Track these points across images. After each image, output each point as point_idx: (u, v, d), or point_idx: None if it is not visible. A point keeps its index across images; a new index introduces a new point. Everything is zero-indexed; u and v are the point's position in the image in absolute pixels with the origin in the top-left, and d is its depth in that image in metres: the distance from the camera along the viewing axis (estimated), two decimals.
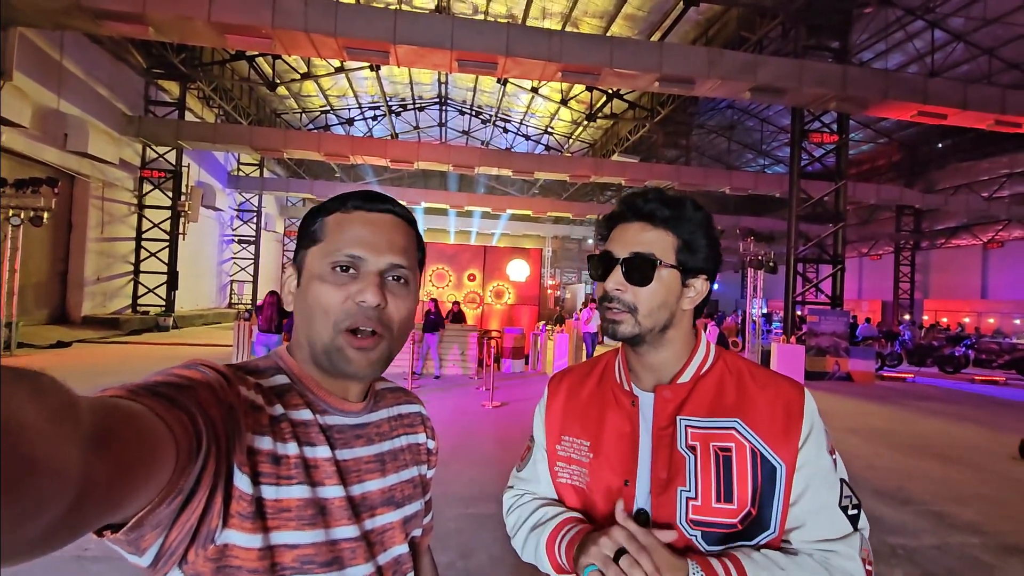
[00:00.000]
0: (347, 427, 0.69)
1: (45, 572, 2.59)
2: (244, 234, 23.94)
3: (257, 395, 0.60)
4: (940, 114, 10.83)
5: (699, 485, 0.77)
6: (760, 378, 0.84)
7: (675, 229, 0.81)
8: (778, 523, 0.76)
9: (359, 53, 9.41)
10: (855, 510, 0.78)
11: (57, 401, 0.31)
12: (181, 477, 0.45)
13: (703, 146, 23.46)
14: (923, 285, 24.56)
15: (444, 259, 13.02)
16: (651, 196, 0.82)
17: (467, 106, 24.12)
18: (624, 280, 0.81)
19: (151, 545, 0.49)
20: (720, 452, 0.78)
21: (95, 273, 14.12)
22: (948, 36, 13.51)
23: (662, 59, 9.81)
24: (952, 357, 13.54)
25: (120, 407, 0.39)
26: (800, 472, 0.77)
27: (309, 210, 0.72)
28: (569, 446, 0.88)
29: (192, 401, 0.48)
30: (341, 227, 0.67)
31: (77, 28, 9.12)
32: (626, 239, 0.82)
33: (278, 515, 0.58)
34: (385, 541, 0.68)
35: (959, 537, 3.60)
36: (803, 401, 0.80)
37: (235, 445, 0.53)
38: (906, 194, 18.70)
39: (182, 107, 15.80)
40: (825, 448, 0.79)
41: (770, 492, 0.76)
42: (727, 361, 0.86)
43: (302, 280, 0.68)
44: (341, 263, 0.65)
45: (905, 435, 6.58)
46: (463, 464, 4.63)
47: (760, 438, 0.78)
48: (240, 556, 0.55)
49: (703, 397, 0.82)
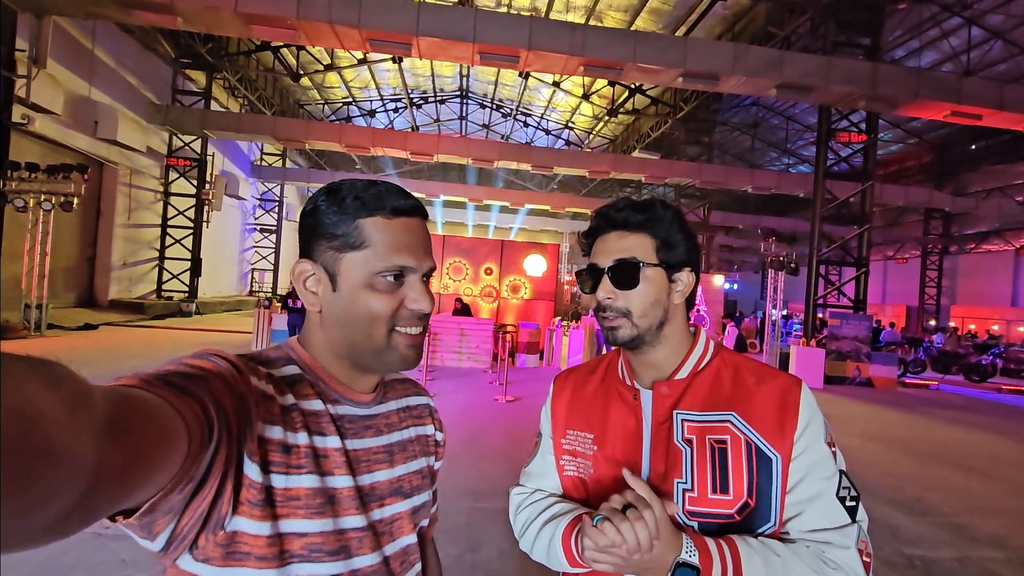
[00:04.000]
0: (357, 417, 0.69)
1: (64, 550, 2.68)
2: (266, 223, 24.30)
3: (268, 384, 0.60)
4: (975, 115, 10.48)
5: (695, 477, 0.79)
6: (756, 372, 0.86)
7: (651, 230, 0.85)
8: (778, 515, 0.78)
9: (382, 45, 9.45)
10: (853, 502, 0.79)
11: (71, 390, 0.31)
12: (193, 465, 0.46)
13: (726, 144, 23.09)
14: (950, 290, 23.91)
15: (461, 252, 13.05)
16: (621, 205, 0.87)
17: (488, 99, 24.09)
18: (613, 287, 0.84)
19: (163, 530, 0.50)
20: (716, 444, 0.80)
21: (121, 258, 14.47)
22: (985, 33, 13.06)
23: (686, 54, 9.66)
24: (979, 365, 13.18)
25: (133, 396, 0.40)
26: (796, 461, 0.78)
27: (323, 204, 0.66)
28: (574, 439, 0.91)
29: (204, 390, 0.49)
30: (385, 235, 0.66)
31: (108, 17, 9.31)
32: (607, 249, 0.86)
33: (287, 503, 0.58)
34: (393, 531, 0.69)
35: (980, 551, 3.51)
36: (799, 393, 0.82)
37: (246, 434, 0.54)
38: (935, 196, 18.19)
39: (208, 97, 16.07)
40: (823, 439, 0.80)
41: (767, 484, 0.77)
42: (724, 357, 0.88)
43: (342, 286, 0.66)
44: (392, 273, 0.66)
45: (926, 443, 6.43)
46: (474, 458, 4.66)
47: (755, 430, 0.79)
48: (249, 543, 0.56)
49: (699, 391, 0.84)
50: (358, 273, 0.65)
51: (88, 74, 12.25)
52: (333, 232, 0.66)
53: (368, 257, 0.65)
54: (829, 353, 10.94)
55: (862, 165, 12.33)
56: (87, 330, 10.87)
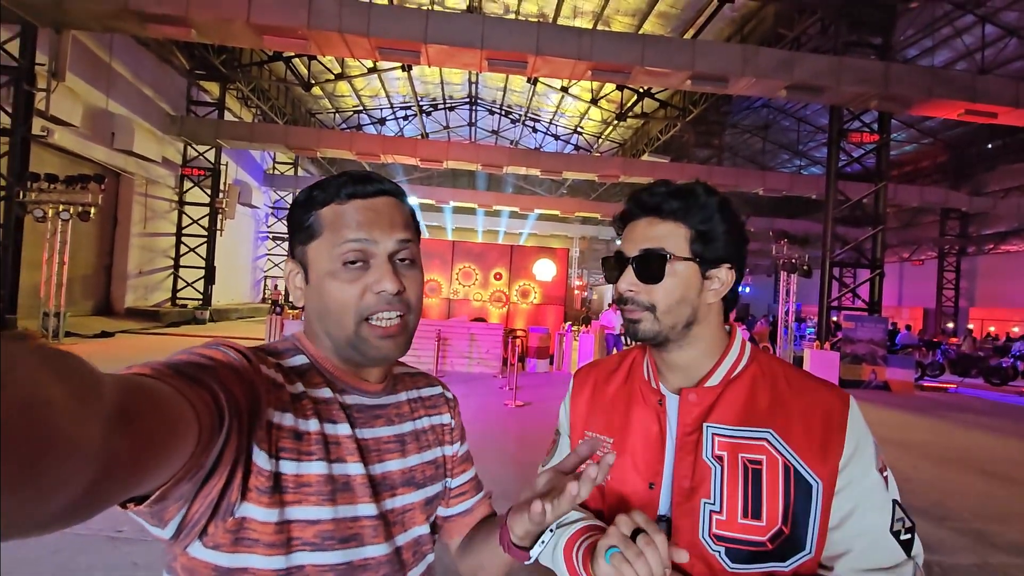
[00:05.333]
0: (366, 407, 0.69)
1: (78, 552, 2.71)
2: (278, 231, 24.57)
3: (277, 374, 0.61)
4: (990, 113, 10.33)
5: (724, 499, 0.72)
6: (798, 384, 0.77)
7: (685, 219, 0.77)
8: (814, 543, 0.70)
9: (391, 53, 9.56)
10: (908, 534, 0.71)
11: (81, 379, 0.31)
12: (204, 454, 0.46)
13: (736, 146, 22.95)
14: (968, 292, 23.45)
15: (471, 258, 13.08)
16: (657, 188, 0.79)
17: (497, 106, 24.19)
18: (636, 279, 0.77)
19: (173, 517, 0.50)
20: (750, 465, 0.72)
21: (137, 267, 14.71)
22: (1000, 31, 12.87)
23: (694, 57, 9.64)
24: (999, 368, 12.89)
25: (144, 386, 0.40)
26: (845, 492, 0.70)
27: (296, 201, 0.70)
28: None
29: (214, 379, 0.49)
30: (339, 218, 0.66)
31: (125, 31, 9.54)
32: (635, 236, 0.79)
33: (298, 490, 0.59)
34: (405, 522, 0.69)
35: (1000, 557, 3.43)
36: (847, 412, 0.74)
37: (256, 422, 0.54)
38: (951, 197, 17.90)
39: (222, 107, 16.35)
40: (874, 465, 0.72)
41: (804, 511, 0.70)
42: (762, 363, 0.80)
43: (311, 277, 0.67)
44: (349, 257, 0.65)
45: (945, 448, 6.30)
46: (485, 462, 4.62)
47: (795, 452, 0.72)
48: (257, 529, 0.56)
49: (733, 403, 0.76)
50: (322, 261, 0.66)
51: (106, 86, 12.52)
52: (301, 226, 0.68)
53: (327, 241, 0.66)
54: (844, 356, 10.79)
55: (875, 166, 12.19)
56: (104, 338, 11.04)
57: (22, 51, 9.36)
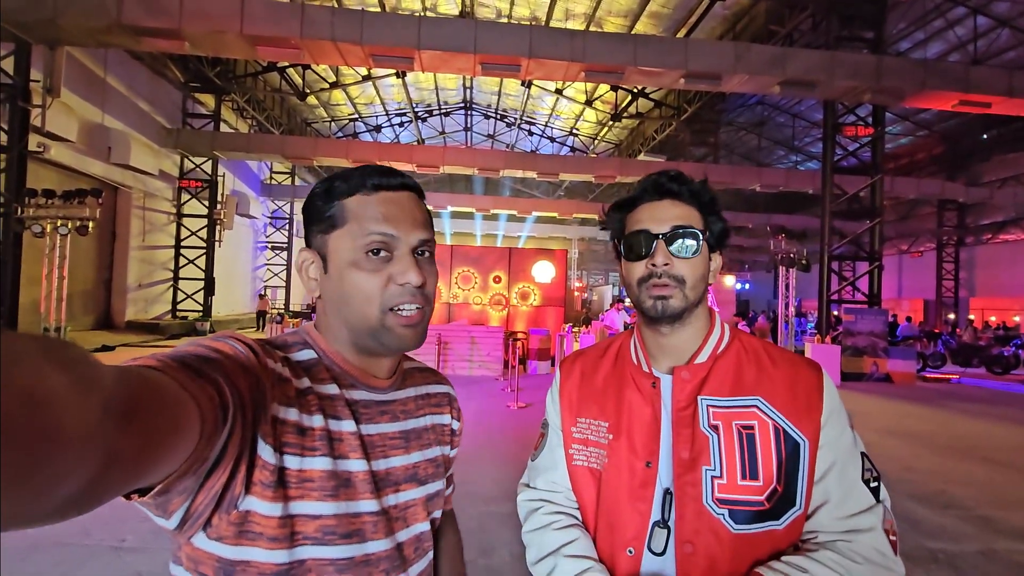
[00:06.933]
0: (372, 403, 0.70)
1: (82, 561, 2.71)
2: (277, 241, 24.59)
3: (284, 368, 0.61)
4: (984, 103, 10.36)
5: (724, 463, 0.78)
6: (777, 356, 0.85)
7: (698, 206, 0.84)
8: (803, 499, 0.77)
9: (385, 60, 9.59)
10: (875, 482, 0.79)
11: (83, 373, 0.31)
12: (207, 446, 0.46)
13: (732, 143, 22.99)
14: (968, 282, 23.46)
15: (469, 261, 13.09)
16: (673, 175, 0.85)
17: (492, 110, 24.25)
18: (670, 254, 0.81)
19: (178, 509, 0.51)
20: (743, 430, 0.79)
21: (137, 280, 14.72)
22: (992, 22, 12.92)
23: (687, 55, 9.68)
24: (1001, 357, 12.88)
25: (146, 378, 0.40)
26: (825, 449, 0.78)
27: (317, 190, 0.70)
28: (586, 428, 0.88)
29: (219, 372, 0.49)
30: (365, 209, 0.66)
31: (119, 45, 9.56)
32: (660, 216, 0.83)
33: (301, 485, 0.59)
34: (407, 518, 0.69)
35: (1006, 543, 3.42)
36: (822, 379, 0.82)
37: (261, 416, 0.55)
38: (948, 188, 17.93)
39: (217, 119, 16.39)
40: (848, 423, 0.81)
41: (795, 468, 0.77)
42: (743, 341, 0.88)
43: (330, 267, 0.68)
44: (374, 247, 0.66)
45: (947, 437, 6.29)
46: (486, 463, 4.65)
47: (782, 414, 0.79)
48: (261, 523, 0.56)
49: (723, 376, 0.83)
50: (344, 251, 0.66)
51: (101, 101, 12.56)
52: (321, 216, 0.68)
53: (351, 231, 0.66)
54: (845, 349, 10.78)
55: (871, 159, 12.21)
56: (104, 352, 11.05)
57: (16, 68, 9.40)
